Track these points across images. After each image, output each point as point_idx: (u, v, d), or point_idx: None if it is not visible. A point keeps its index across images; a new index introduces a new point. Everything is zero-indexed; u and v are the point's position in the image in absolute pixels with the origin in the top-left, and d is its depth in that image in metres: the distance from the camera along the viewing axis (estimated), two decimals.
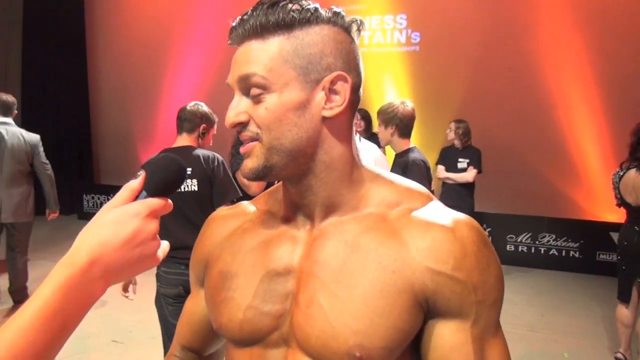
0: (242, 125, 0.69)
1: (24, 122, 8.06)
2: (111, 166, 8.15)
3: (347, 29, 0.71)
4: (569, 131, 5.69)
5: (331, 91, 0.69)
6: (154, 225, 0.59)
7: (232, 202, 2.35)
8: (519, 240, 5.61)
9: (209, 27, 7.13)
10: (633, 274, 3.11)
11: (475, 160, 4.51)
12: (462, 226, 0.68)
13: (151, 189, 0.61)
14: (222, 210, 0.87)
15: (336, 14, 0.70)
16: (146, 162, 0.64)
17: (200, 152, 2.51)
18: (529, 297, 4.59)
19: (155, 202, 0.60)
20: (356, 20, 0.71)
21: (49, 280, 0.54)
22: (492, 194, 5.60)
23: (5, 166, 3.84)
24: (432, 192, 2.76)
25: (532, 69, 5.75)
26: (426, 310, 0.68)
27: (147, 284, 4.63)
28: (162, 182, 0.62)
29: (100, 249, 0.56)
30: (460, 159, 4.57)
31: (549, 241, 5.50)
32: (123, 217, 0.58)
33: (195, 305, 0.88)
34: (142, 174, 0.61)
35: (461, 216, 0.70)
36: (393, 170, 2.76)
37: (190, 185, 2.27)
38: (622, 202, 3.12)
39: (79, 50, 8.01)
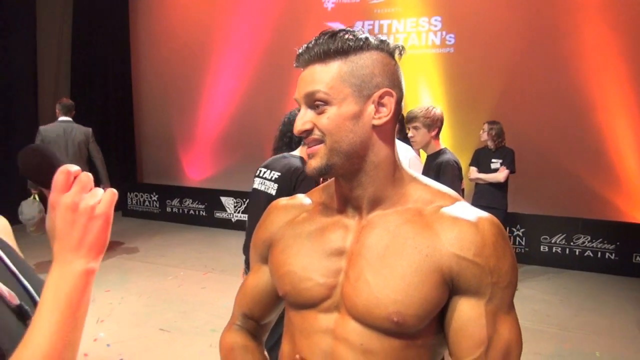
0: (308, 132, 0.86)
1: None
2: (153, 166, 8.48)
3: (391, 54, 0.88)
4: (606, 133, 5.64)
5: (379, 104, 0.86)
6: (67, 200, 0.66)
7: None
8: (553, 241, 5.61)
9: (247, 31, 7.36)
10: None
11: (509, 160, 4.56)
12: (484, 222, 0.85)
13: (36, 183, 0.69)
14: (282, 200, 1.06)
15: (382, 41, 0.87)
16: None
17: (292, 161, 2.31)
18: (563, 298, 4.61)
19: (48, 191, 0.67)
20: (399, 46, 0.88)
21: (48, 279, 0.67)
22: (526, 195, 5.62)
23: (70, 151, 5.16)
24: (463, 190, 2.87)
25: (568, 70, 5.73)
26: (451, 288, 0.84)
27: (191, 278, 4.89)
28: (32, 176, 0.69)
29: (58, 240, 0.67)
30: (493, 160, 4.63)
31: (584, 242, 5.48)
32: (51, 217, 0.67)
33: (258, 279, 1.06)
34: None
35: (484, 214, 0.87)
36: (426, 170, 2.88)
37: (270, 188, 2.21)
38: None
39: (123, 54, 8.36)
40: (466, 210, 0.87)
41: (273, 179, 2.23)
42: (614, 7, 5.56)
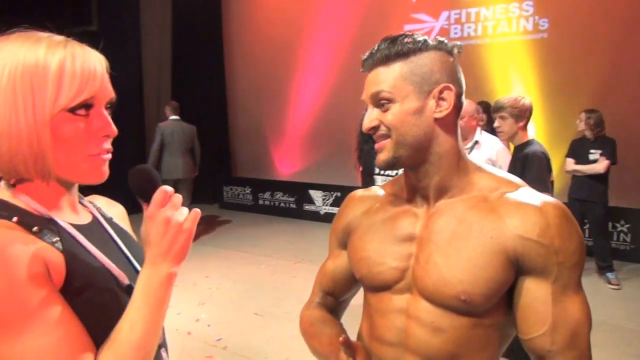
0: (375, 129, 0.95)
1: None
2: (247, 160, 8.89)
3: (450, 52, 0.95)
4: None
5: (440, 99, 0.93)
6: (163, 215, 0.77)
7: None
8: None
9: (334, 27, 7.48)
10: None
11: (609, 151, 4.29)
12: (547, 205, 0.89)
13: (143, 199, 0.80)
14: (359, 192, 1.17)
15: (440, 42, 0.95)
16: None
17: None
18: None
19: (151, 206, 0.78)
20: (457, 45, 0.96)
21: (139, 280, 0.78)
22: (632, 189, 5.23)
23: (181, 145, 6.29)
24: (552, 183, 2.78)
25: None
26: (517, 268, 0.89)
27: (283, 267, 5.14)
28: (140, 194, 0.80)
29: (151, 249, 0.78)
30: (591, 150, 4.38)
31: None
32: (146, 227, 0.79)
33: (338, 262, 1.17)
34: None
35: (549, 198, 0.91)
36: (513, 161, 2.83)
37: None
38: None
39: (217, 55, 8.83)
40: (530, 195, 0.92)
41: (396, 173, 2.36)
42: None
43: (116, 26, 7.89)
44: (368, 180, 3.02)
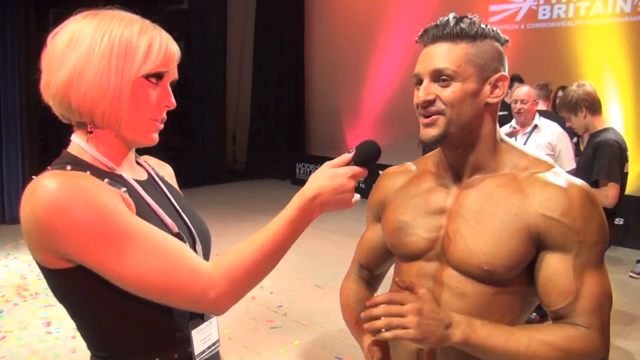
0: (430, 103, 0.98)
1: (253, 98, 9.49)
2: (320, 139, 9.04)
3: (503, 44, 1.00)
4: None
5: (494, 86, 0.98)
6: (352, 183, 0.87)
7: None
8: None
9: (412, 8, 7.36)
10: None
11: None
12: (573, 187, 0.93)
13: (357, 161, 0.91)
14: (392, 168, 1.22)
15: (496, 32, 1.00)
16: (359, 144, 0.93)
17: None
18: None
19: (356, 169, 0.88)
20: (507, 38, 1.01)
21: (293, 201, 0.89)
22: None
23: None
24: (626, 174, 2.64)
25: None
26: (538, 244, 0.94)
27: (347, 244, 5.25)
28: (362, 157, 0.89)
29: (321, 189, 0.87)
30: None
31: None
32: (336, 174, 0.88)
33: (373, 235, 1.23)
34: (353, 151, 0.92)
35: (576, 180, 0.95)
36: (585, 150, 2.72)
37: None
38: None
39: (297, 31, 8.98)
40: (558, 176, 0.96)
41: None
42: None
43: (204, 4, 8.26)
44: None
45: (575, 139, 4.26)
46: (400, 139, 7.49)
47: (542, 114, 3.43)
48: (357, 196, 0.91)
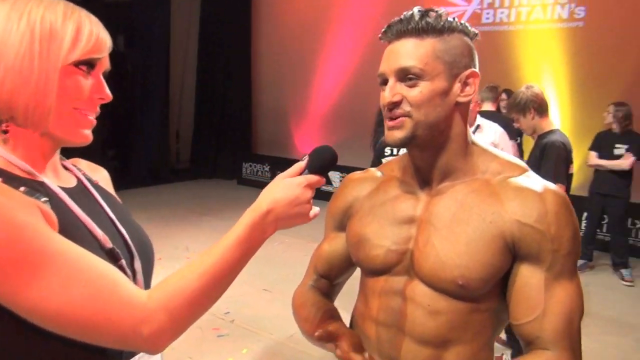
0: (396, 105, 0.90)
1: (198, 95, 9.21)
2: (267, 138, 8.90)
3: (472, 38, 0.93)
4: None
5: (465, 83, 0.91)
6: (309, 194, 0.82)
7: None
8: None
9: (360, 7, 7.36)
10: None
11: (636, 147, 4.16)
12: (548, 192, 0.88)
13: (311, 169, 0.84)
14: (356, 174, 1.13)
15: (465, 25, 0.92)
16: (313, 150, 0.87)
17: None
18: None
19: (312, 178, 0.83)
20: (476, 32, 0.94)
21: (243, 219, 0.80)
22: None
23: None
24: (571, 175, 2.71)
25: None
26: (514, 253, 0.88)
27: (296, 245, 5.16)
28: (318, 165, 0.84)
29: (274, 203, 0.79)
30: (617, 145, 4.25)
31: None
32: (291, 185, 0.81)
33: (334, 245, 1.13)
34: (306, 158, 0.85)
35: (550, 185, 0.89)
36: (532, 150, 2.77)
37: None
38: None
39: (244, 29, 8.78)
40: (533, 181, 0.90)
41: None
42: None
43: None
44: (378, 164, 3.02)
45: (517, 139, 4.37)
46: (348, 139, 7.48)
47: (487, 114, 3.49)
48: (315, 209, 0.84)
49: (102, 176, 1.00)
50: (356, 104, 7.36)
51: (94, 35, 0.78)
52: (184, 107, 9.28)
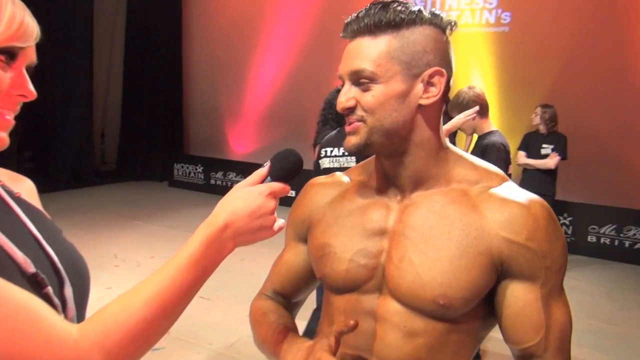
0: (350, 110, 0.83)
1: (124, 93, 8.76)
2: (200, 138, 8.62)
3: (444, 29, 0.83)
4: None
5: (428, 83, 0.82)
6: (272, 203, 0.73)
7: None
8: (602, 231, 5.39)
9: (296, 5, 7.30)
10: None
11: (561, 146, 4.39)
12: (535, 204, 0.82)
13: (274, 176, 0.76)
14: (320, 178, 1.03)
15: (436, 15, 0.82)
16: (275, 154, 0.79)
17: None
18: (609, 290, 4.45)
19: (275, 185, 0.74)
20: (451, 22, 0.83)
21: (197, 235, 0.70)
22: (576, 183, 5.40)
23: None
24: (510, 176, 2.78)
25: (629, 53, 5.40)
26: (500, 271, 0.82)
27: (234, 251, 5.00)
28: (281, 171, 0.76)
29: (233, 216, 0.70)
30: (544, 145, 4.46)
31: (635, 235, 5.24)
32: (251, 194, 0.72)
33: (294, 257, 1.03)
34: (268, 164, 0.76)
35: (533, 196, 0.84)
36: (473, 152, 2.82)
37: (347, 162, 2.42)
38: None
39: (174, 28, 8.47)
40: (515, 192, 0.84)
41: (346, 153, 2.38)
42: None
43: None
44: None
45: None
46: (285, 139, 7.39)
47: None
48: (280, 221, 0.75)
49: (25, 187, 0.85)
50: (293, 102, 7.29)
51: (17, 19, 0.66)
52: (109, 104, 8.78)
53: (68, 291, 0.73)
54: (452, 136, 4.54)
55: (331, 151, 2.44)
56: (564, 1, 5.72)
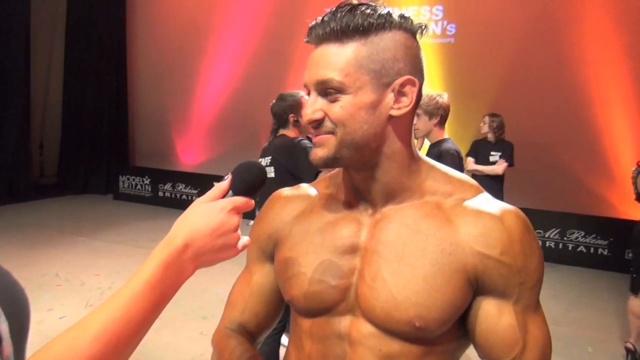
0: (318, 122, 0.77)
1: (65, 101, 8.37)
2: (146, 149, 8.37)
3: (414, 34, 0.79)
4: (604, 128, 5.61)
5: (399, 93, 0.77)
6: (236, 219, 0.68)
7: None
8: (547, 235, 5.60)
9: (245, 14, 7.23)
10: None
11: (508, 153, 4.53)
12: (509, 216, 0.78)
13: (236, 189, 0.70)
14: (285, 190, 0.96)
15: (405, 18, 0.77)
16: (236, 166, 0.73)
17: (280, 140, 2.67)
18: (556, 292, 4.61)
19: (238, 200, 0.69)
20: (422, 25, 0.79)
21: (153, 257, 0.64)
22: (522, 189, 5.59)
23: None
24: None
25: (570, 64, 5.68)
26: (475, 288, 0.78)
27: None
28: (243, 184, 0.71)
29: (192, 235, 0.65)
30: (492, 153, 4.59)
31: (577, 238, 5.48)
32: (212, 211, 0.67)
33: (263, 278, 0.94)
34: (229, 177, 0.71)
35: (509, 207, 0.80)
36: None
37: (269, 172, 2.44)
38: (638, 198, 3.21)
39: (119, 34, 8.22)
40: (489, 204, 0.80)
41: (267, 164, 2.43)
42: (617, 2, 5.50)
43: None
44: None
45: None
46: (235, 148, 7.28)
47: None
48: (244, 239, 0.70)
49: None
50: (244, 111, 7.19)
51: None
52: (49, 114, 8.36)
53: (3, 327, 0.64)
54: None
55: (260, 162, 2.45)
56: (506, 13, 5.95)
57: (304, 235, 0.87)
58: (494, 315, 0.77)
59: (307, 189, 0.94)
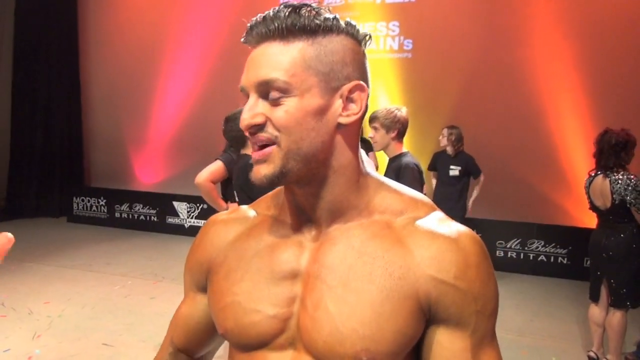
0: (258, 128, 0.69)
1: (14, 123, 8.02)
2: (102, 169, 8.10)
3: (360, 42, 0.73)
4: (558, 139, 5.76)
5: (348, 99, 0.71)
6: None
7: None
8: (508, 246, 5.66)
9: (202, 30, 7.14)
10: (601, 274, 3.20)
11: (471, 167, 4.59)
12: (464, 238, 0.71)
13: None
14: (221, 215, 0.87)
15: (352, 25, 0.71)
16: None
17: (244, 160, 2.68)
18: (518, 302, 4.63)
19: None
20: (367, 35, 0.74)
21: None
22: (482, 200, 5.64)
23: None
24: (425, 195, 2.81)
25: (523, 77, 5.82)
26: (428, 316, 0.70)
27: (140, 287, 4.62)
28: None
29: None
30: (452, 166, 4.62)
31: (537, 247, 5.56)
32: None
33: (192, 309, 0.88)
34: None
35: (463, 228, 0.73)
36: (386, 173, 2.81)
37: None
38: (592, 207, 3.25)
39: (71, 51, 7.99)
40: (443, 224, 0.73)
41: None
42: (568, 16, 5.70)
43: None
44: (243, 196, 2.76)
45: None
46: (194, 166, 7.09)
47: None
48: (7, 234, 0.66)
49: None
50: (201, 129, 7.04)
51: None
52: None
53: None
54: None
55: None
56: (461, 29, 6.07)
57: (239, 261, 0.78)
58: (448, 349, 0.70)
59: (246, 211, 0.85)
